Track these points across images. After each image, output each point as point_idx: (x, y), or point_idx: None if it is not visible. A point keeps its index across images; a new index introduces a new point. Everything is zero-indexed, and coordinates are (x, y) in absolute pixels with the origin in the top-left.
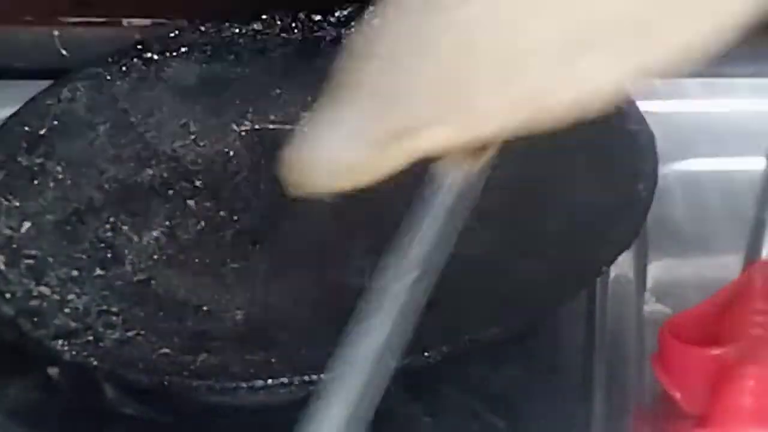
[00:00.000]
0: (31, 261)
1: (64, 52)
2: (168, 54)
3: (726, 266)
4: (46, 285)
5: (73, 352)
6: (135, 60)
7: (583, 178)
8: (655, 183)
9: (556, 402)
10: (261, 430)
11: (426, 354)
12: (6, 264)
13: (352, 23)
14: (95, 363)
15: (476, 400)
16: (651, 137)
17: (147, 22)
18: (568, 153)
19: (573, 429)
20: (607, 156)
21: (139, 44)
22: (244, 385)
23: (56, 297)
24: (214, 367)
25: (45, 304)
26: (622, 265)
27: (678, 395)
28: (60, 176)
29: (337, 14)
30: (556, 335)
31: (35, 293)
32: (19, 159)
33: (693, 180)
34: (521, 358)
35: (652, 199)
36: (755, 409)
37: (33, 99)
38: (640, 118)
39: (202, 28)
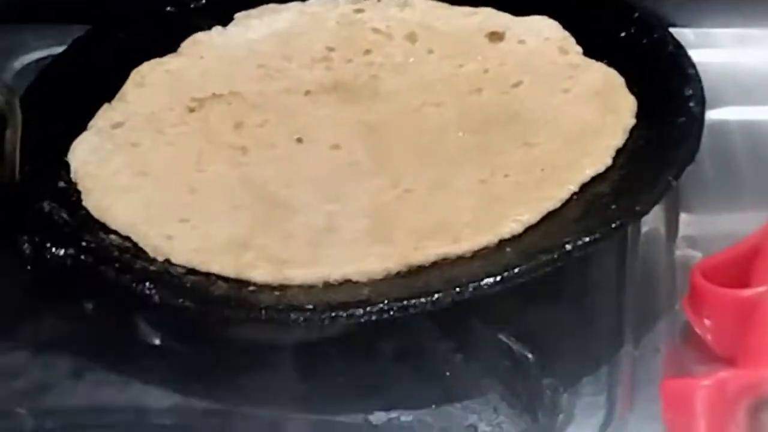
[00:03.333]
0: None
1: None
2: None
3: (755, 215)
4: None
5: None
6: None
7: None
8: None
9: (587, 340)
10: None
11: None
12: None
13: None
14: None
15: (507, 336)
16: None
17: None
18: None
19: (602, 367)
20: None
21: None
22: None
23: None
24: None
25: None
26: (654, 219)
27: (708, 337)
28: None
29: None
30: (588, 278)
31: (107, 241)
32: None
33: (720, 128)
34: (553, 297)
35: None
36: None
37: None
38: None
39: None
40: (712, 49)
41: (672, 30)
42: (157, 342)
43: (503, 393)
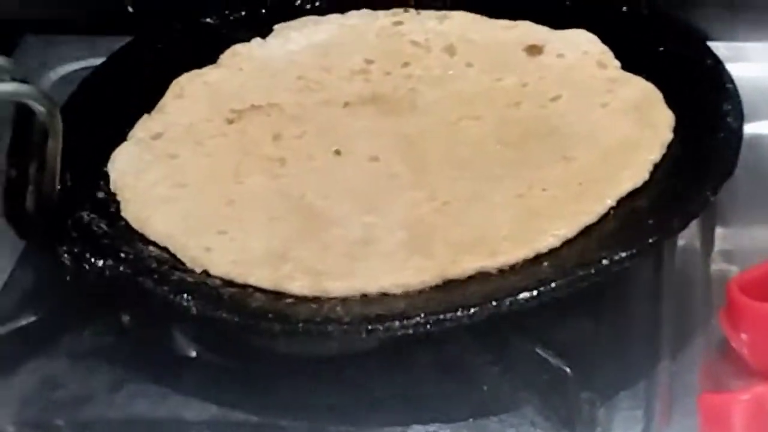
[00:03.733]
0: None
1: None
2: None
3: None
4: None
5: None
6: None
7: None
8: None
9: (624, 354)
10: (321, 380)
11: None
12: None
13: None
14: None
15: (544, 350)
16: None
17: None
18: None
19: (639, 381)
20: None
21: None
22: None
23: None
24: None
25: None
26: (690, 233)
27: (745, 351)
28: None
29: None
30: (624, 292)
31: (145, 253)
32: None
33: (757, 142)
34: (590, 311)
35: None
36: None
37: None
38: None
39: None
40: (747, 62)
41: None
42: (194, 354)
43: (540, 407)
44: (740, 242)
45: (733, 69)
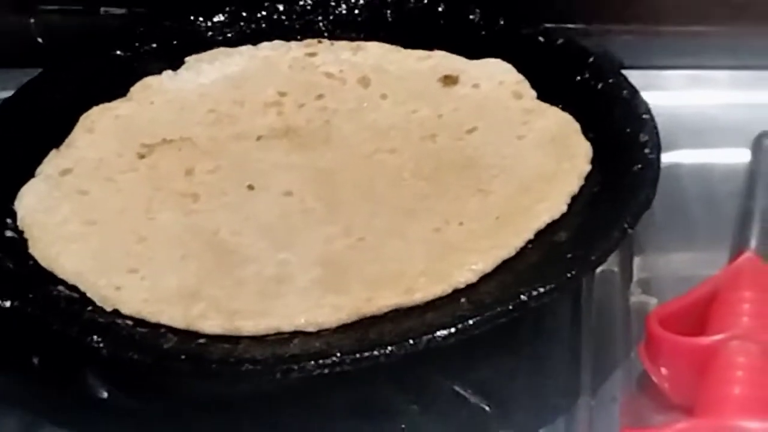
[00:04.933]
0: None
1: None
2: None
3: (710, 259)
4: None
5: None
6: None
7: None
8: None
9: (543, 390)
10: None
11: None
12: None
13: None
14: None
15: (463, 388)
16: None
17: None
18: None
19: (559, 417)
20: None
21: None
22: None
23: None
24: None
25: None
26: (608, 264)
27: (666, 385)
28: None
29: None
30: (542, 326)
31: (54, 292)
32: None
33: (673, 172)
34: (508, 346)
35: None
36: (744, 400)
37: None
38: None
39: None
40: (662, 91)
41: (623, 71)
42: (105, 395)
43: None
44: (658, 272)
45: (649, 97)
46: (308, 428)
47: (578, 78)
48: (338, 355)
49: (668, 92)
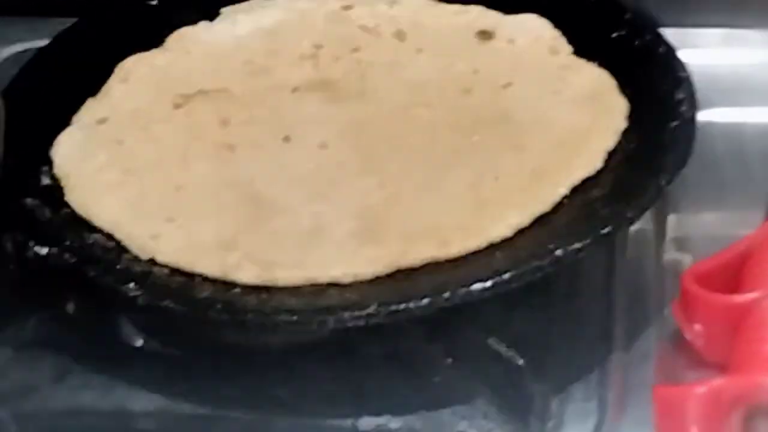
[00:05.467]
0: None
1: None
2: None
3: (744, 218)
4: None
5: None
6: None
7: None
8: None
9: (576, 346)
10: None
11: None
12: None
13: None
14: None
15: (497, 342)
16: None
17: None
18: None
19: (593, 373)
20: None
21: None
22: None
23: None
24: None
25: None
26: (642, 220)
27: (699, 342)
28: None
29: None
30: (576, 283)
31: (90, 240)
32: None
33: (708, 130)
34: (542, 301)
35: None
36: None
37: None
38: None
39: None
40: (697, 49)
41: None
42: (140, 344)
43: (493, 399)
44: (692, 230)
45: (683, 55)
46: (341, 379)
47: (614, 34)
48: (374, 306)
49: (702, 50)
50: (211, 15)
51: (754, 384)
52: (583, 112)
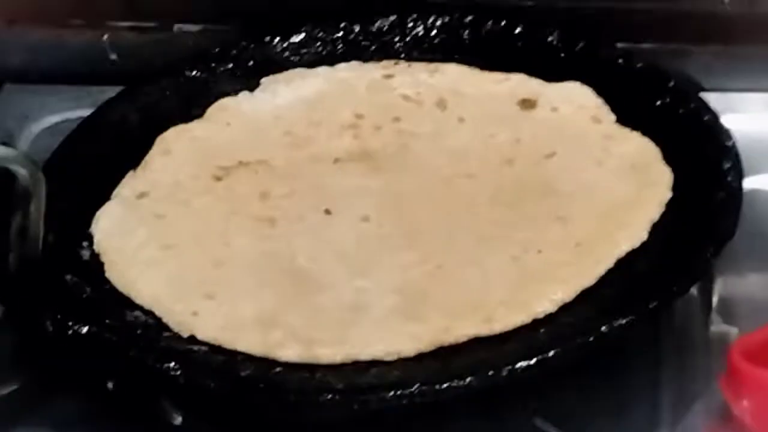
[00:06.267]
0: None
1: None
2: None
3: None
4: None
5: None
6: None
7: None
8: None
9: (623, 423)
10: None
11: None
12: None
13: None
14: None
15: (542, 421)
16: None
17: (198, 27)
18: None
19: None
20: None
21: None
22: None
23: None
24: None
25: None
26: (688, 294)
27: (748, 419)
28: None
29: None
30: (622, 356)
31: (130, 317)
32: None
33: (753, 197)
34: (587, 377)
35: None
36: None
37: None
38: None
39: None
40: (742, 113)
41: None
42: (180, 422)
43: None
44: (738, 299)
45: (728, 120)
46: None
47: (658, 102)
48: (417, 385)
49: (748, 115)
50: (252, 86)
51: None
52: (628, 183)
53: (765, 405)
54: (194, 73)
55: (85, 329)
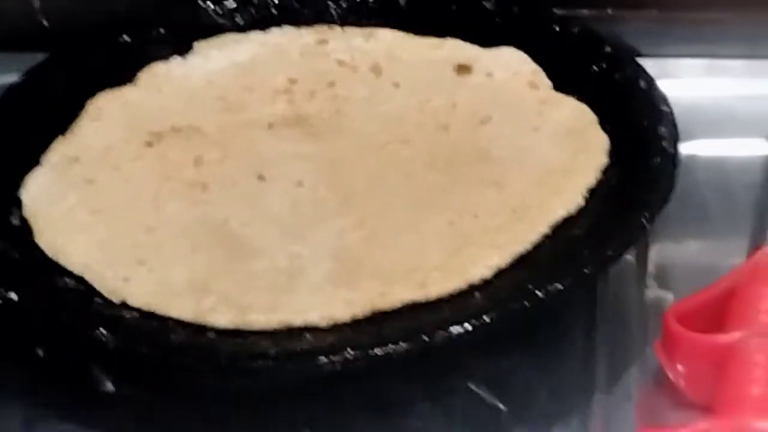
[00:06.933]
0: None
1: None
2: None
3: (727, 252)
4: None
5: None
6: None
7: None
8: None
9: (558, 387)
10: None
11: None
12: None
13: None
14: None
15: (477, 385)
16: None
17: None
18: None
19: (574, 415)
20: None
21: None
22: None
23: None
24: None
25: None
26: (623, 259)
27: (683, 383)
28: None
29: None
30: (557, 321)
31: (60, 283)
32: None
33: (689, 163)
34: (522, 343)
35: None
36: (764, 399)
37: None
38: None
39: None
40: (679, 79)
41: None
42: (111, 389)
43: None
44: (674, 264)
45: (664, 86)
46: (319, 423)
47: (594, 68)
48: (351, 350)
49: (684, 81)
50: (184, 51)
51: (738, 427)
52: (564, 149)
53: (699, 369)
54: (125, 38)
55: (13, 295)
